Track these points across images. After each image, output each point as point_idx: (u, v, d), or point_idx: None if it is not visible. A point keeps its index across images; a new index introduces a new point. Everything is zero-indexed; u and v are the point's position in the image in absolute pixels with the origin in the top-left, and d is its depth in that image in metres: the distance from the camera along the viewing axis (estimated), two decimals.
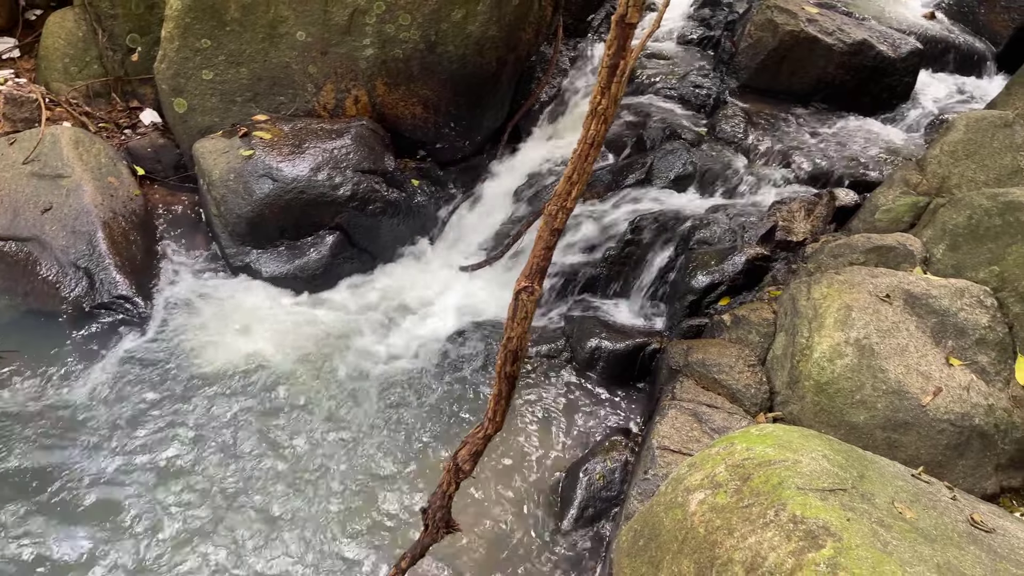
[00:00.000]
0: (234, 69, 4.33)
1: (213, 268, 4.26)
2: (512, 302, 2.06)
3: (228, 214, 4.16)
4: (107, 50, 4.68)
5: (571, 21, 5.47)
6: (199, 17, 4.16)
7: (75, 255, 3.86)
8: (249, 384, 3.65)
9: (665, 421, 3.22)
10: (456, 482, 2.35)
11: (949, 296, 3.15)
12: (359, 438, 3.49)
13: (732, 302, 3.94)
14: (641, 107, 5.03)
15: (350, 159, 4.24)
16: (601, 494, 3.30)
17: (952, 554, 1.76)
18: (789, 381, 3.23)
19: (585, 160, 1.76)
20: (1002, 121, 3.85)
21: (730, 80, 5.18)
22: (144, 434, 3.36)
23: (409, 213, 4.46)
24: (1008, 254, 3.26)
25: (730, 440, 2.22)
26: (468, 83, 4.54)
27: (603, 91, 1.65)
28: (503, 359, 2.12)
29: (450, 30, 4.32)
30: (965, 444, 2.91)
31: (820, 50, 4.89)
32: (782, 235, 4.06)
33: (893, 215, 3.84)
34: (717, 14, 5.74)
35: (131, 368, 3.63)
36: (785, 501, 1.80)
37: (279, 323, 3.99)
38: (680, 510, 2.08)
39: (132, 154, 4.55)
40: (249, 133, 4.26)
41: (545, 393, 3.85)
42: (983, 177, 3.76)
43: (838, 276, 3.34)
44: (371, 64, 4.38)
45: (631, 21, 1.54)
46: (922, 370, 2.99)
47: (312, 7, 4.21)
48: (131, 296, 3.86)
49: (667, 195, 4.46)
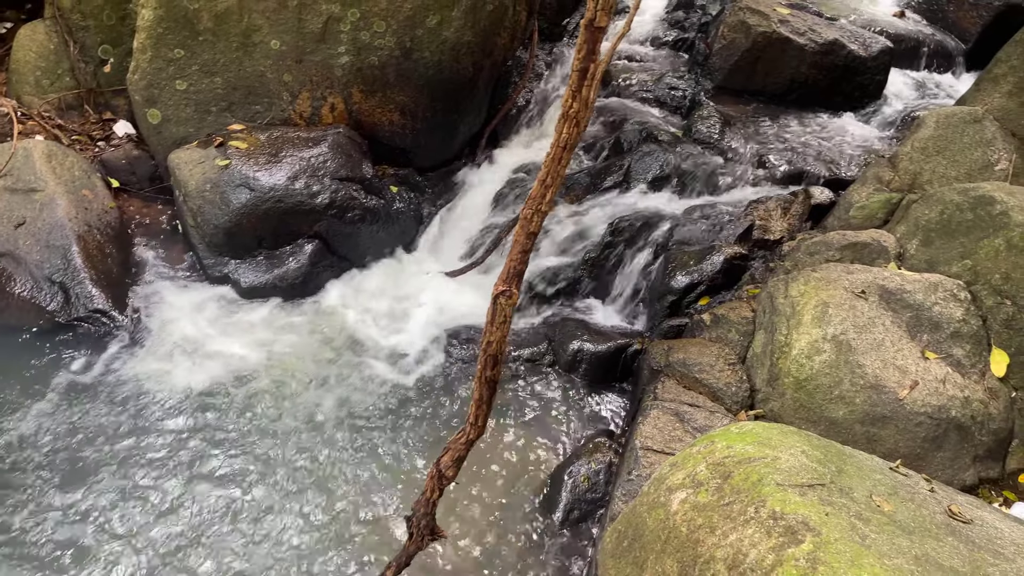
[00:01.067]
0: (208, 79, 4.30)
1: (191, 279, 4.23)
2: (491, 306, 2.07)
3: (205, 225, 4.13)
4: (79, 62, 4.64)
5: (546, 25, 5.49)
6: (171, 27, 4.14)
7: (50, 269, 3.81)
8: (227, 396, 3.62)
9: (647, 421, 3.23)
10: (440, 489, 2.35)
11: (923, 290, 3.19)
12: (340, 448, 3.47)
13: (712, 301, 3.97)
14: (617, 110, 5.05)
15: (327, 167, 4.22)
16: (586, 496, 3.30)
17: (930, 545, 1.78)
18: (769, 378, 3.26)
19: (558, 164, 1.77)
20: (971, 117, 3.92)
21: (705, 81, 5.22)
22: (118, 450, 3.32)
23: (388, 220, 4.45)
24: (980, 248, 3.31)
25: (711, 439, 2.24)
26: (445, 89, 4.54)
27: (574, 95, 1.66)
28: (483, 364, 2.12)
29: (425, 36, 4.32)
30: (943, 436, 2.95)
31: (792, 50, 4.94)
32: (759, 234, 4.10)
33: (867, 212, 3.89)
34: (691, 16, 5.78)
35: (107, 382, 3.59)
36: (765, 498, 1.81)
37: (257, 333, 3.96)
38: (662, 510, 2.09)
39: (106, 166, 4.51)
40: (225, 143, 4.23)
41: (528, 396, 3.86)
42: (954, 172, 3.81)
43: (815, 273, 3.37)
44: (347, 71, 4.37)
45: (600, 25, 1.55)
46: (899, 364, 3.02)
47: (286, 15, 4.20)
48: (107, 309, 3.82)
49: (645, 197, 4.48)
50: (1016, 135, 3.88)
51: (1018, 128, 3.88)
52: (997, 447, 3.06)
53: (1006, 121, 3.91)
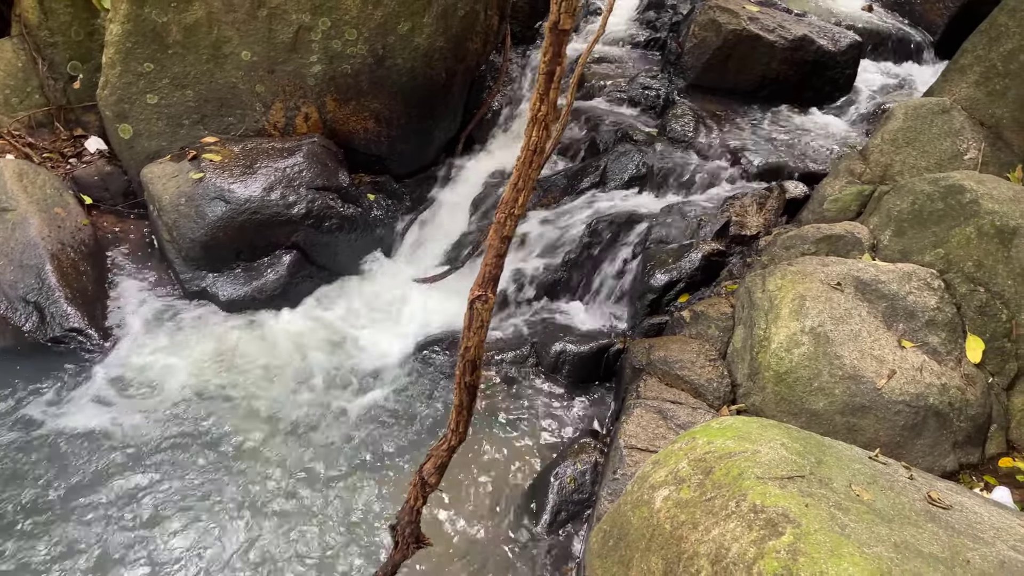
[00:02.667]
0: (179, 92, 4.27)
1: (168, 294, 4.19)
2: (467, 312, 2.06)
3: (181, 239, 4.09)
4: (48, 79, 4.60)
5: (519, 29, 5.50)
6: (140, 41, 4.10)
7: (24, 289, 3.77)
8: (206, 411, 3.59)
9: (631, 420, 3.24)
10: (423, 496, 2.34)
11: (897, 280, 3.23)
12: (321, 459, 3.45)
13: (691, 298, 3.99)
14: (592, 111, 5.08)
15: (303, 177, 4.21)
16: (573, 497, 3.30)
17: (909, 532, 1.80)
18: (750, 373, 3.28)
19: (530, 167, 1.78)
20: (940, 108, 3.97)
21: (678, 80, 5.25)
22: (99, 469, 3.28)
23: (366, 227, 4.44)
24: (952, 236, 3.36)
25: (692, 435, 2.25)
26: (419, 95, 4.54)
27: (542, 98, 1.66)
28: (462, 369, 2.12)
29: (397, 43, 4.32)
30: (922, 424, 2.98)
31: (763, 47, 4.99)
32: (736, 230, 4.13)
33: (840, 204, 3.93)
34: (662, 16, 5.83)
35: (84, 400, 3.55)
36: (745, 491, 1.83)
37: (237, 347, 3.93)
38: (646, 508, 2.10)
39: (79, 183, 4.46)
40: (198, 156, 4.20)
41: (513, 400, 3.86)
42: (924, 163, 3.86)
43: (791, 267, 3.41)
44: (319, 80, 4.35)
45: (564, 28, 1.55)
46: (876, 354, 3.06)
47: (256, 26, 4.18)
48: (83, 328, 3.78)
49: (622, 196, 4.50)
50: (984, 124, 3.94)
51: (986, 117, 3.93)
52: (976, 433, 3.10)
53: (974, 110, 3.97)
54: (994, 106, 3.90)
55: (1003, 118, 3.87)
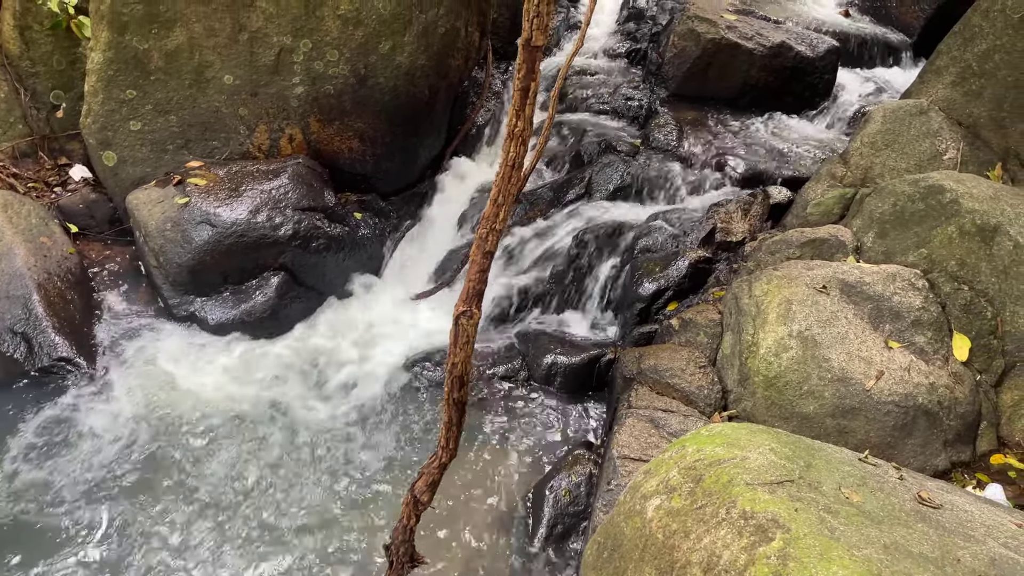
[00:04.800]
0: (163, 117, 4.28)
1: (156, 320, 4.17)
2: (453, 328, 2.07)
3: (168, 264, 4.09)
4: (31, 109, 4.60)
5: (500, 45, 5.54)
6: (122, 69, 4.11)
7: (11, 320, 3.75)
8: (197, 437, 3.57)
9: (623, 430, 3.25)
10: (416, 514, 2.34)
11: (882, 281, 3.26)
12: (313, 481, 3.43)
13: (679, 306, 4.01)
14: (576, 123, 5.11)
15: (289, 198, 4.21)
16: (568, 510, 3.30)
17: (899, 533, 1.80)
18: (740, 378, 3.29)
19: (508, 182, 1.79)
20: (917, 109, 4.02)
21: (660, 90, 5.30)
22: (87, 497, 3.26)
23: (354, 246, 4.44)
24: (934, 236, 3.39)
25: (682, 443, 2.25)
26: (403, 113, 4.56)
27: (518, 114, 1.68)
28: (450, 385, 2.12)
29: (379, 62, 4.34)
30: (911, 424, 3.00)
31: (742, 55, 5.04)
32: (722, 236, 4.16)
33: (823, 208, 3.96)
34: (642, 27, 5.87)
35: (74, 429, 3.52)
36: (735, 498, 1.83)
37: (226, 371, 3.91)
38: (639, 518, 2.10)
39: (64, 211, 4.45)
40: (183, 180, 4.20)
41: (505, 413, 3.85)
42: (904, 164, 3.90)
43: (776, 272, 3.43)
44: (303, 102, 4.37)
45: (536, 44, 1.57)
46: (863, 355, 3.07)
47: (237, 50, 4.20)
48: (72, 357, 3.76)
49: (608, 207, 4.53)
50: (962, 124, 3.98)
51: (963, 117, 3.98)
52: (966, 431, 3.11)
53: (951, 111, 4.01)
54: (971, 106, 3.95)
55: (981, 117, 3.92)
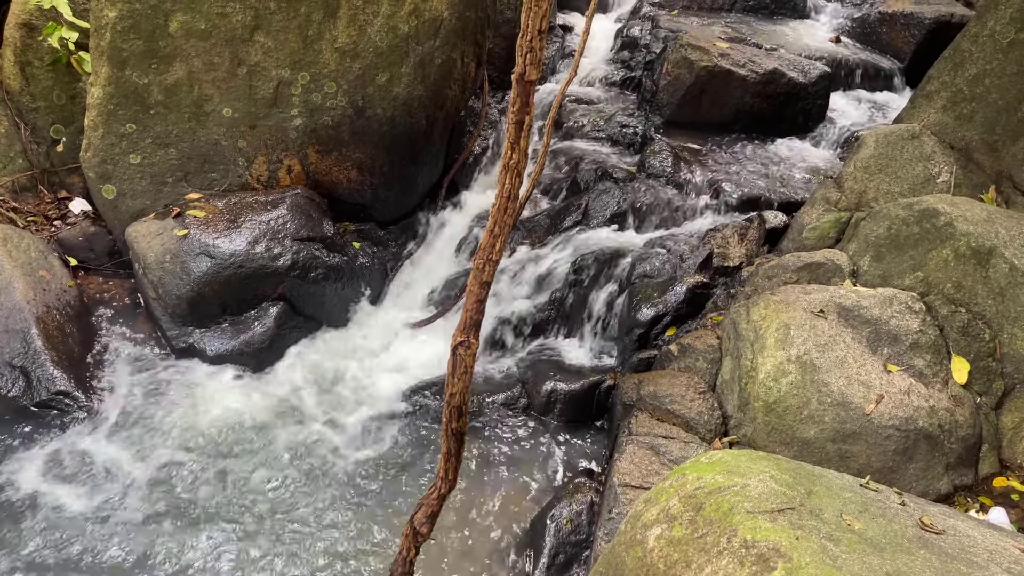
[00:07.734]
0: (162, 151, 4.31)
1: (156, 352, 4.17)
2: (451, 358, 2.08)
3: (167, 296, 4.09)
4: (31, 143, 4.64)
5: (496, 75, 5.60)
6: (122, 103, 4.16)
7: (9, 354, 3.75)
8: (197, 471, 3.55)
9: (624, 457, 3.23)
10: (416, 546, 2.32)
11: (879, 305, 3.26)
12: (312, 514, 3.40)
13: (678, 332, 4.01)
14: (572, 151, 5.15)
15: (288, 228, 4.24)
16: (570, 539, 3.27)
17: (902, 560, 1.79)
18: (740, 404, 3.29)
19: (504, 213, 1.81)
20: (909, 133, 4.06)
21: (655, 117, 5.35)
22: (82, 530, 3.23)
23: (352, 275, 4.46)
24: (929, 259, 3.40)
25: (682, 471, 2.24)
26: (400, 143, 4.60)
27: (512, 146, 1.70)
28: (448, 416, 2.12)
29: (376, 94, 4.39)
30: (913, 447, 2.99)
31: (735, 82, 5.10)
32: (719, 261, 4.17)
33: (819, 232, 3.99)
34: (636, 56, 5.95)
35: (72, 466, 3.50)
36: (736, 526, 1.82)
37: (226, 404, 3.90)
38: (640, 547, 2.08)
39: (63, 245, 4.47)
40: (182, 213, 4.23)
41: (505, 442, 3.84)
42: (898, 188, 3.93)
43: (774, 296, 3.43)
44: (301, 133, 4.41)
45: (530, 79, 1.60)
46: (863, 379, 3.07)
47: (236, 83, 4.25)
48: (71, 391, 3.75)
49: (605, 234, 4.55)
50: (954, 147, 4.02)
51: (956, 140, 4.02)
52: (967, 454, 3.10)
53: (943, 135, 4.05)
54: (963, 129, 3.99)
55: (973, 140, 3.96)
